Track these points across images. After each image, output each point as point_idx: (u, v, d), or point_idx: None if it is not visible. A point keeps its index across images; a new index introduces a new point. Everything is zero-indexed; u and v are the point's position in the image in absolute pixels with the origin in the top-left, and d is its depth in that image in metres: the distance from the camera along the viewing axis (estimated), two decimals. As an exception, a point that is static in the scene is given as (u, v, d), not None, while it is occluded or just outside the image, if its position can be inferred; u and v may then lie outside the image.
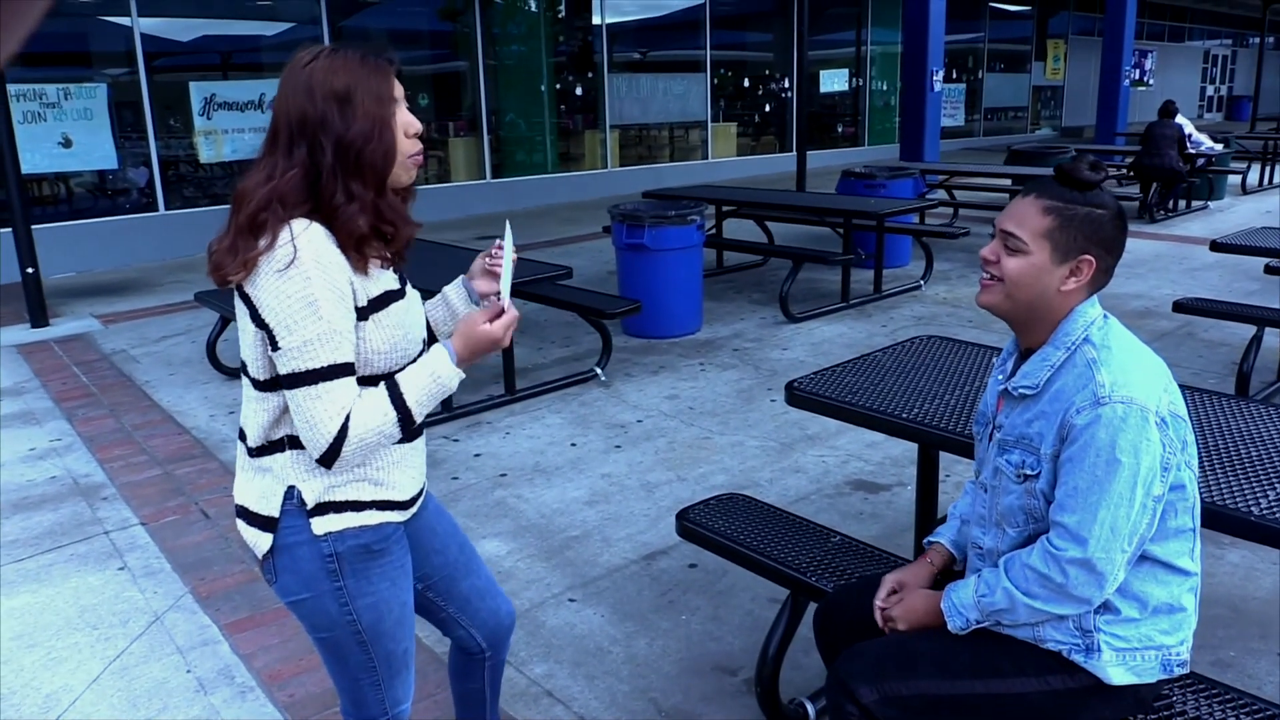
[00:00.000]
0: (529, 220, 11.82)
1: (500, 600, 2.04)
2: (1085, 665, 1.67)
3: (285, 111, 1.57)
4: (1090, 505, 1.57)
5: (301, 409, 1.53)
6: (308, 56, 1.59)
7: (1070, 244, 1.65)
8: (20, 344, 6.68)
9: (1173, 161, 10.76)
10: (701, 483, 4.05)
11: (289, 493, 1.63)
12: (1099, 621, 1.66)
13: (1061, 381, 1.66)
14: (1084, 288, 1.69)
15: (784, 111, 17.29)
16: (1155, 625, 1.68)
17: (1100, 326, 1.69)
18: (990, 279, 1.73)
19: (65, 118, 9.28)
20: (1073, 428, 1.60)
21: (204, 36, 10.57)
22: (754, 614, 3.04)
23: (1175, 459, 1.62)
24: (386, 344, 1.62)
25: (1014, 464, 1.71)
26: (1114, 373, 1.60)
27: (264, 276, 1.52)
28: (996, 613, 1.69)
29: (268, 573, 1.69)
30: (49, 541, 3.68)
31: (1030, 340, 1.75)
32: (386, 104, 1.59)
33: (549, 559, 3.46)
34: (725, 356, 5.91)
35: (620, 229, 6.30)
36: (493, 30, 12.90)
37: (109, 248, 9.66)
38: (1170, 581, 1.69)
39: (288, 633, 2.99)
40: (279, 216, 1.53)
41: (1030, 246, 1.66)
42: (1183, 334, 6.12)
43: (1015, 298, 1.70)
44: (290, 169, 1.56)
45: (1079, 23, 24.49)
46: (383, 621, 1.72)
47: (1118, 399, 1.57)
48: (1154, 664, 1.68)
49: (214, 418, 5.05)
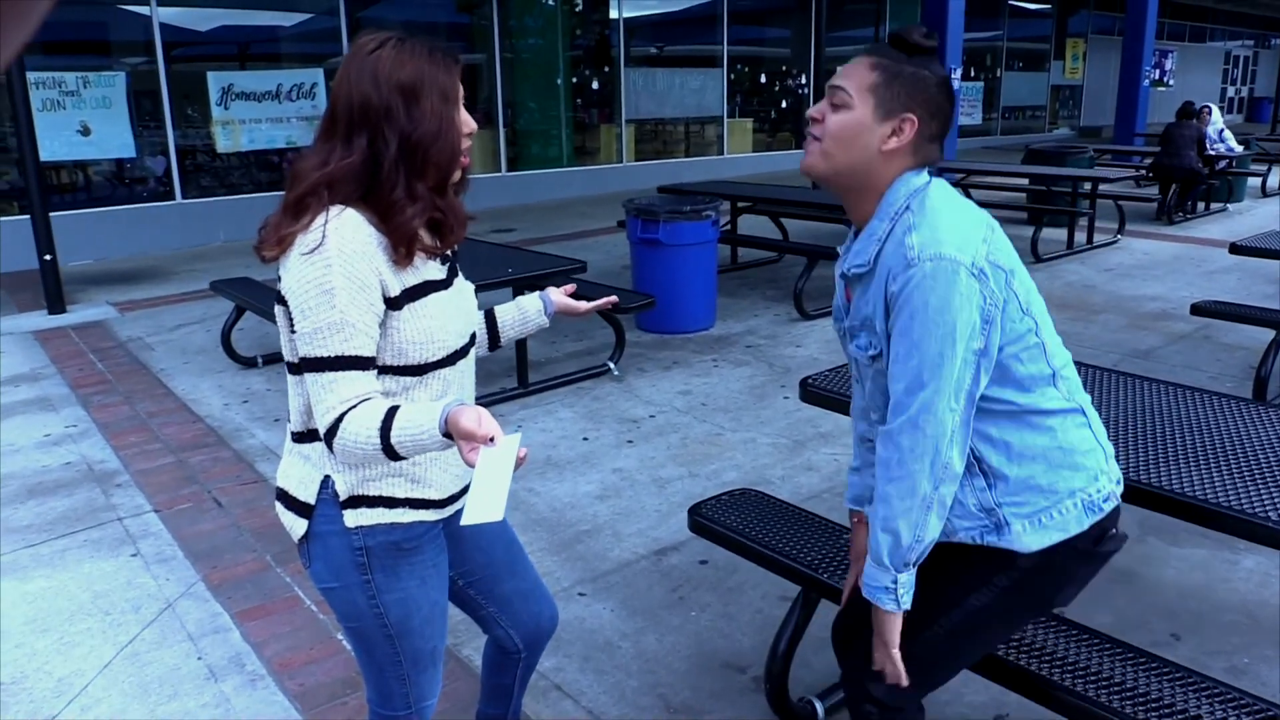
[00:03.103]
0: (544, 214, 11.83)
1: (543, 604, 2.02)
2: (1001, 544, 1.64)
3: (347, 96, 1.54)
4: (912, 368, 1.54)
5: (310, 393, 1.54)
6: (373, 43, 1.55)
7: (894, 101, 1.60)
8: (38, 330, 6.72)
9: (1192, 162, 10.68)
10: (713, 479, 4.04)
11: (325, 482, 1.63)
12: (996, 496, 1.63)
13: (885, 253, 1.61)
14: (906, 151, 1.62)
15: (800, 108, 17.23)
16: (1053, 476, 1.63)
17: (920, 192, 1.62)
18: (812, 140, 1.66)
19: (84, 106, 9.33)
20: (893, 296, 1.57)
21: (222, 26, 10.60)
22: (764, 611, 3.03)
23: (997, 311, 1.56)
24: (421, 335, 1.59)
25: (862, 348, 1.68)
26: (924, 232, 1.56)
27: (292, 257, 1.52)
28: (892, 551, 1.61)
29: (303, 557, 1.70)
30: (63, 527, 3.70)
31: (859, 216, 1.69)
32: (453, 102, 1.58)
33: (559, 553, 3.46)
34: (738, 353, 5.90)
35: (635, 224, 6.29)
36: (510, 23, 12.89)
37: (126, 236, 9.71)
38: (1048, 427, 1.64)
39: (299, 622, 3.00)
40: (322, 200, 1.53)
41: (855, 100, 1.61)
42: (1200, 337, 6.07)
43: (835, 157, 1.63)
44: (348, 156, 1.53)
45: (1099, 22, 24.33)
46: (411, 619, 1.71)
47: (926, 257, 1.53)
48: (1074, 513, 1.64)
49: (228, 406, 5.07)
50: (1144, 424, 2.49)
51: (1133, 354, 5.72)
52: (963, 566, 1.71)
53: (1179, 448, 2.32)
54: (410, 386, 1.63)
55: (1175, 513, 2.08)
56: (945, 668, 1.80)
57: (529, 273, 5.00)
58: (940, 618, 1.71)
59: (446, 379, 1.67)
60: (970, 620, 1.71)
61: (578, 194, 13.40)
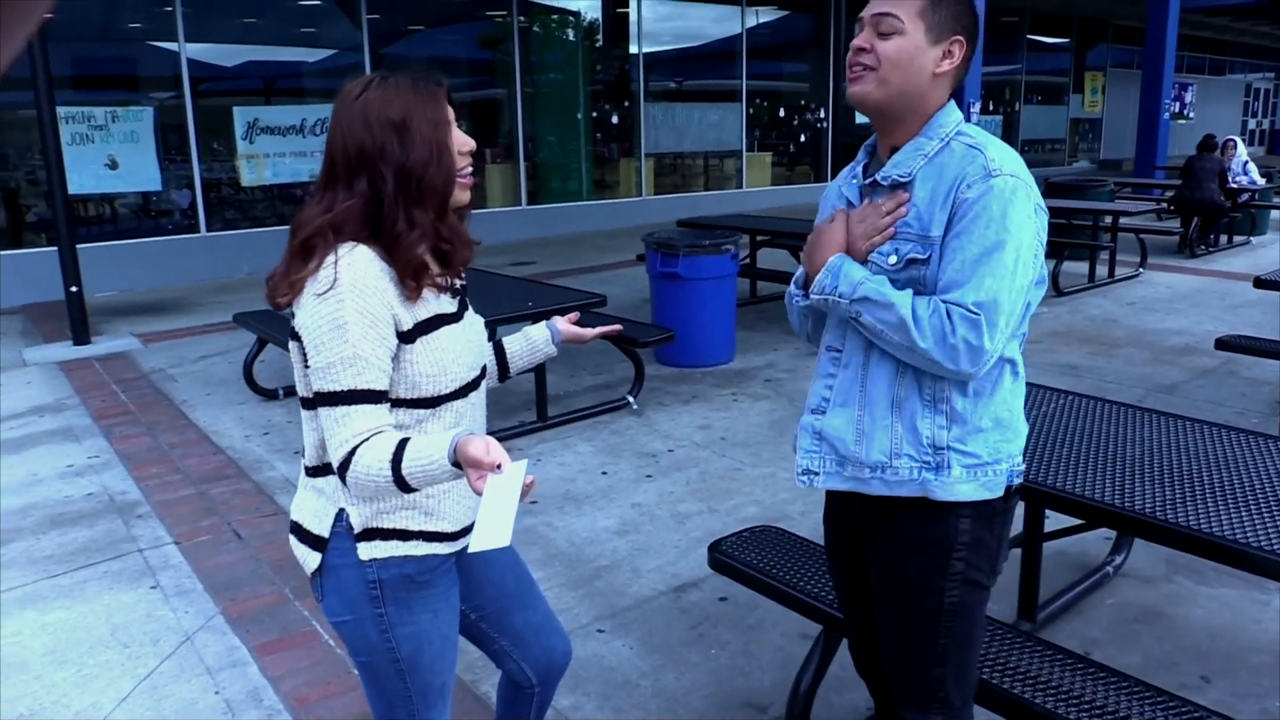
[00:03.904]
0: (564, 247, 11.89)
1: (556, 638, 2.01)
2: (932, 489, 1.66)
3: (342, 145, 1.58)
4: (980, 275, 1.56)
5: (324, 427, 1.55)
6: (358, 89, 1.60)
7: (943, 25, 1.63)
8: (62, 361, 6.79)
9: (1213, 195, 10.64)
10: (733, 514, 4.01)
11: (339, 515, 1.65)
12: (949, 437, 1.66)
13: (941, 165, 1.63)
14: (953, 74, 1.67)
15: (819, 141, 17.30)
16: (998, 435, 1.68)
17: (967, 125, 1.68)
18: (862, 69, 1.66)
19: (112, 140, 9.48)
20: (963, 202, 1.58)
21: (248, 62, 10.78)
22: (785, 650, 3.00)
23: (1041, 248, 1.63)
24: (433, 367, 1.62)
25: (885, 254, 1.66)
26: (996, 152, 1.61)
27: (306, 297, 1.55)
28: (869, 301, 1.62)
29: (315, 591, 1.70)
30: (84, 558, 3.72)
31: (897, 138, 1.70)
32: (442, 127, 1.61)
33: (578, 588, 3.44)
34: (758, 387, 5.88)
35: (655, 257, 6.30)
36: (531, 58, 13.04)
37: (151, 268, 9.82)
38: (1013, 387, 1.71)
39: (316, 656, 2.99)
40: (329, 241, 1.56)
41: (906, 26, 1.62)
42: (1225, 372, 6.01)
43: (890, 83, 1.64)
44: (350, 199, 1.57)
45: (1118, 55, 24.36)
46: (421, 653, 1.71)
47: (1007, 172, 1.58)
48: (999, 479, 1.69)
49: (249, 438, 5.10)
50: (1169, 461, 2.46)
51: (1156, 389, 5.67)
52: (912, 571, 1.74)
53: (1205, 485, 2.29)
54: (423, 419, 1.65)
55: (1202, 552, 2.05)
56: (971, 665, 1.83)
57: (549, 306, 5.01)
58: (938, 634, 1.75)
59: (459, 411, 1.69)
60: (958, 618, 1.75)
61: (597, 227, 13.47)
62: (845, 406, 1.74)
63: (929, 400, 1.66)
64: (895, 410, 1.68)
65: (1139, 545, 3.51)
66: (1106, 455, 2.52)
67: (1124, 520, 2.20)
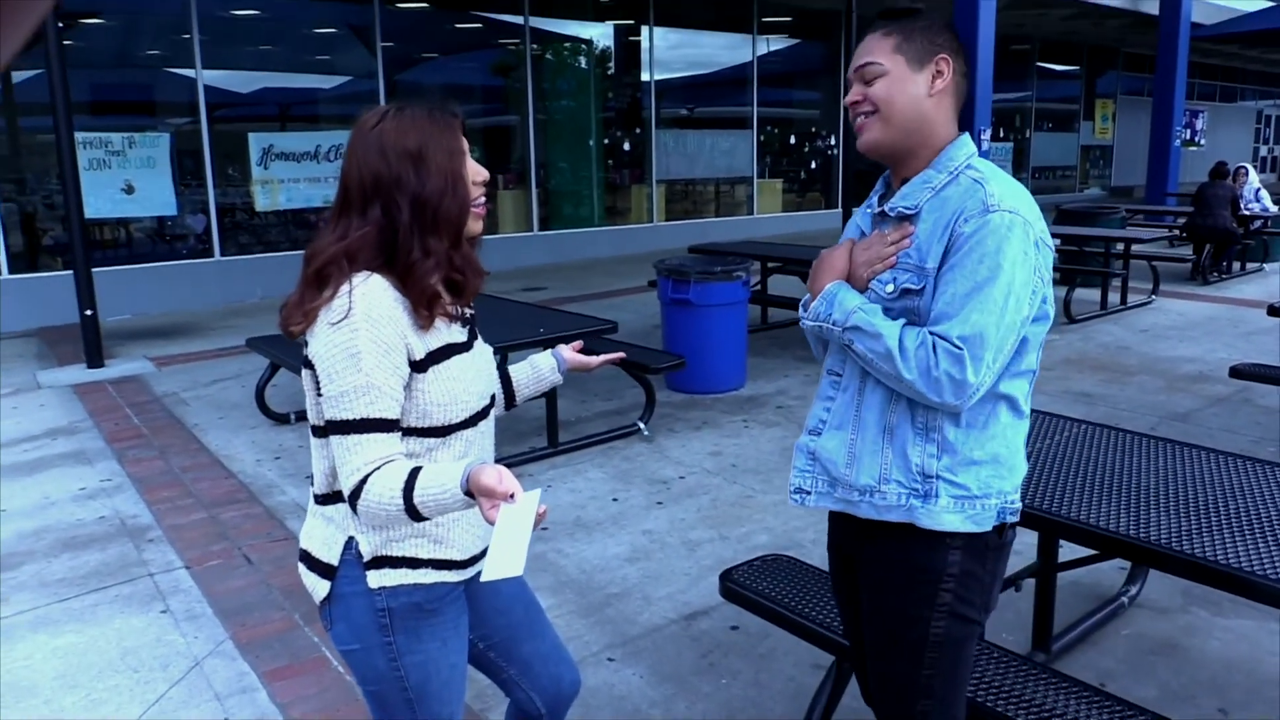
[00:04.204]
0: (575, 273, 11.93)
1: (564, 667, 2.01)
2: (919, 516, 1.66)
3: (357, 174, 1.60)
4: (968, 310, 1.57)
5: (336, 455, 1.56)
6: (374, 119, 1.62)
7: (921, 49, 1.68)
8: (76, 384, 6.83)
9: (1226, 222, 10.62)
10: (744, 542, 4.00)
11: (348, 543, 1.65)
12: (939, 466, 1.66)
13: (945, 199, 1.65)
14: (950, 89, 1.70)
15: (829, 168, 17.37)
16: (991, 470, 1.68)
17: (978, 159, 1.70)
18: (864, 118, 1.71)
19: (129, 165, 9.58)
20: (959, 236, 1.60)
21: (264, 89, 10.89)
22: (796, 679, 2.98)
23: (1041, 287, 1.64)
24: (445, 396, 1.63)
25: (883, 282, 1.69)
26: (999, 187, 1.63)
27: (320, 325, 1.56)
28: (860, 330, 1.65)
29: (324, 619, 1.70)
30: (95, 581, 3.72)
31: (909, 171, 1.74)
32: (458, 157, 1.64)
33: (588, 616, 3.42)
34: (769, 414, 5.87)
35: (666, 284, 6.32)
36: (543, 86, 13.15)
37: (165, 291, 9.89)
38: (1009, 422, 1.70)
39: (325, 683, 2.98)
40: (343, 270, 1.57)
41: (887, 65, 1.68)
42: (1239, 400, 5.98)
43: (893, 120, 1.69)
44: (364, 227, 1.59)
45: (1128, 82, 24.42)
46: (430, 682, 1.70)
47: (1006, 208, 1.59)
48: (989, 514, 1.68)
49: (260, 463, 5.11)
50: (1184, 491, 2.44)
51: (1170, 417, 5.64)
52: (899, 599, 1.74)
53: (1220, 516, 2.27)
54: (434, 448, 1.65)
55: (1217, 584, 2.03)
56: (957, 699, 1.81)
57: (560, 333, 5.02)
58: (922, 666, 1.74)
59: (469, 439, 1.70)
60: (944, 650, 1.73)
61: (608, 253, 13.51)
62: (840, 429, 1.76)
63: (921, 428, 1.67)
64: (887, 436, 1.69)
65: (1154, 575, 3.48)
66: (1120, 485, 2.51)
67: (1138, 551, 2.18)
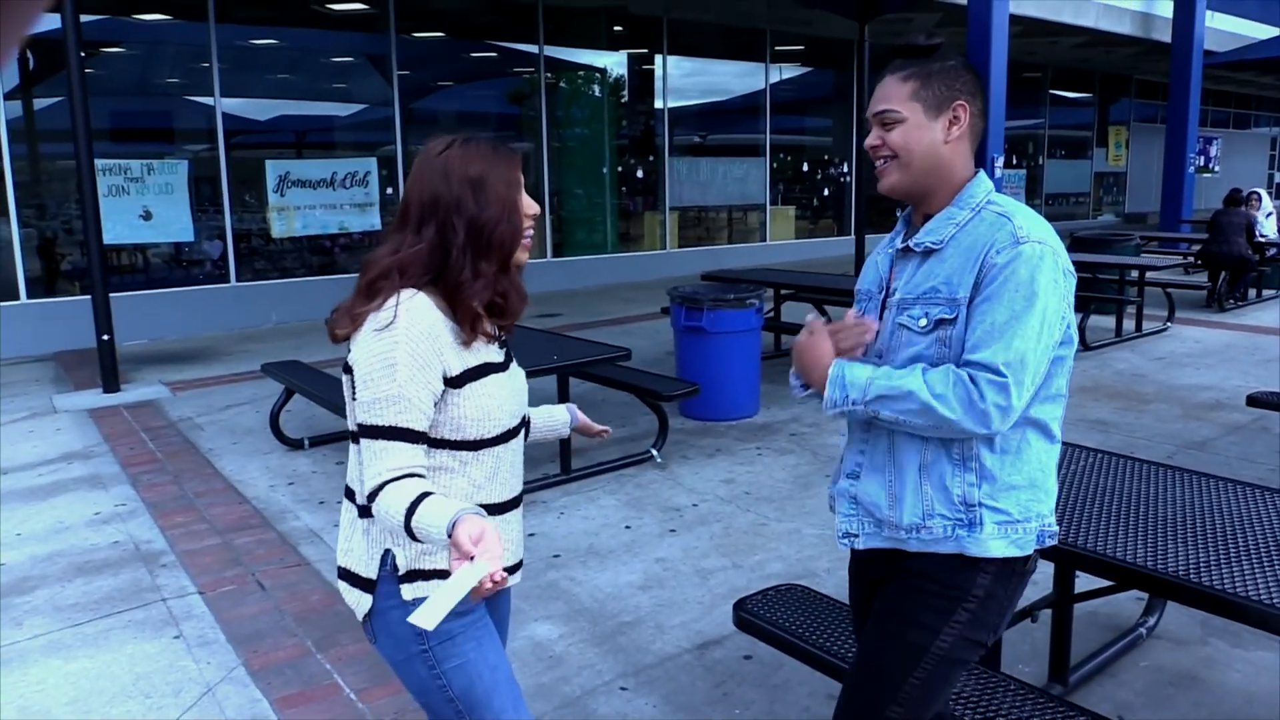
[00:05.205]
0: (589, 299, 11.96)
1: None
2: (966, 545, 1.69)
3: (419, 193, 1.70)
4: (1007, 337, 1.61)
5: (363, 456, 1.64)
6: (441, 145, 1.72)
7: (939, 96, 1.72)
8: (92, 408, 6.87)
9: (1241, 249, 10.59)
10: (757, 570, 3.98)
11: (384, 557, 1.72)
12: (980, 494, 1.69)
13: (971, 233, 1.70)
14: (967, 136, 1.75)
15: (843, 195, 17.40)
16: (1030, 494, 1.71)
17: (997, 194, 1.75)
18: (883, 162, 1.77)
19: (147, 192, 9.68)
20: (992, 267, 1.64)
21: (281, 116, 11.01)
22: (811, 710, 2.95)
23: (1067, 314, 1.68)
24: (479, 412, 1.71)
25: (915, 317, 1.73)
26: (1024, 220, 1.68)
27: (364, 333, 1.65)
28: (884, 399, 1.66)
29: (369, 634, 1.77)
30: (108, 606, 3.73)
31: (931, 208, 1.78)
32: (515, 188, 1.74)
33: (601, 644, 3.41)
34: (783, 441, 5.86)
35: (679, 311, 6.33)
36: (557, 113, 13.25)
37: (181, 317, 9.96)
38: (1042, 446, 1.74)
39: (337, 710, 2.97)
40: (394, 284, 1.66)
41: (904, 112, 1.72)
42: (1257, 428, 5.93)
43: (911, 166, 1.74)
44: (418, 244, 1.68)
45: (1141, 109, 24.43)
46: (474, 689, 1.73)
47: (1034, 239, 1.65)
48: (1030, 537, 1.72)
49: (273, 488, 5.12)
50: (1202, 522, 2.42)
51: (1187, 445, 5.60)
52: (919, 604, 1.75)
53: (1239, 547, 2.25)
54: (466, 461, 1.73)
55: (1235, 616, 2.01)
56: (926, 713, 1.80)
57: (575, 359, 5.03)
58: (913, 671, 1.74)
59: (499, 456, 1.78)
60: (939, 665, 1.74)
61: (622, 280, 13.55)
62: (878, 472, 1.79)
63: (958, 459, 1.70)
64: (924, 473, 1.72)
65: (1173, 606, 3.45)
66: (1138, 515, 2.49)
67: (1155, 582, 2.17)
